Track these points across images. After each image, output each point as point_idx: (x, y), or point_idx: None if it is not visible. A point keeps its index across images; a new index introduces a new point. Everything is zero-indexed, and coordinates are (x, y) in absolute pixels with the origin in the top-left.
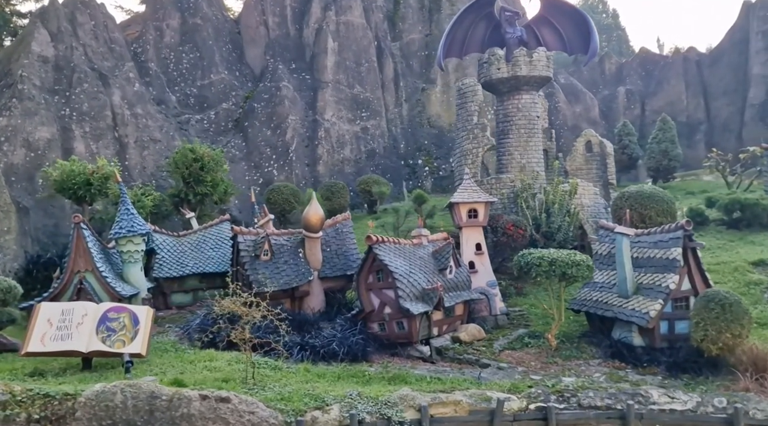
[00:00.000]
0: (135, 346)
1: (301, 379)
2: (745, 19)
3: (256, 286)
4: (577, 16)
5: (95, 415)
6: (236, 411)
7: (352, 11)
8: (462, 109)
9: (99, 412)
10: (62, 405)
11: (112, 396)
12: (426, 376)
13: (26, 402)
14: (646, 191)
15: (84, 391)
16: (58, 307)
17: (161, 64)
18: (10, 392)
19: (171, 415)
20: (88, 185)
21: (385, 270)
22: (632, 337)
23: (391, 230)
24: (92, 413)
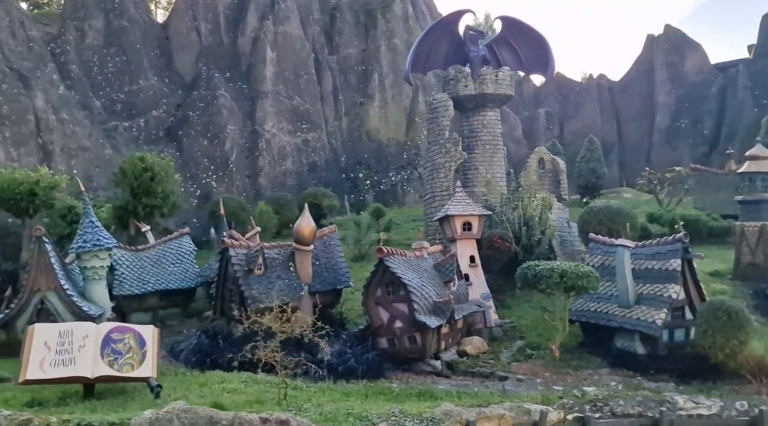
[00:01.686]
0: (145, 370)
1: (330, 398)
2: (650, 51)
3: (251, 301)
4: (536, 37)
5: None
6: None
7: (290, 22)
8: (433, 123)
9: None
10: None
11: (169, 423)
12: (452, 391)
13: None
14: (614, 207)
15: (132, 419)
16: (54, 328)
17: (84, 67)
18: (47, 424)
19: None
20: (32, 196)
21: (397, 283)
22: (635, 346)
23: (351, 244)
24: None
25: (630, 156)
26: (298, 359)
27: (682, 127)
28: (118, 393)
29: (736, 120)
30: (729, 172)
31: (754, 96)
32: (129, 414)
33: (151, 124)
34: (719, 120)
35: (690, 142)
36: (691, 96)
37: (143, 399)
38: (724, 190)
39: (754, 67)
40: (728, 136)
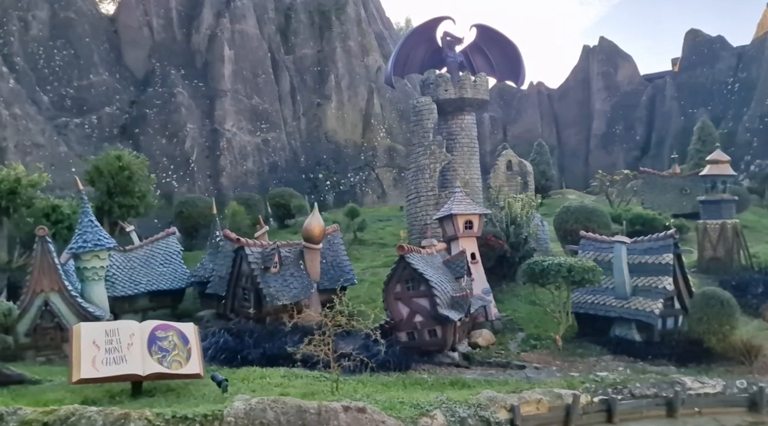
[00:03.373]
0: (192, 366)
1: (372, 389)
2: (586, 61)
3: (270, 299)
4: (508, 46)
5: None
6: (373, 420)
7: (246, 20)
8: (417, 125)
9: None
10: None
11: (263, 413)
12: (480, 380)
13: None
14: (588, 206)
15: (224, 410)
16: (100, 327)
17: (29, 60)
18: (146, 419)
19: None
20: (12, 195)
21: (418, 279)
22: (633, 334)
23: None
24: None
25: (569, 159)
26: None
27: (616, 133)
28: (167, 390)
29: (665, 127)
30: (673, 174)
31: (680, 105)
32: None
33: (104, 121)
34: (649, 127)
35: (624, 147)
36: (624, 104)
37: (195, 394)
38: (669, 192)
39: (679, 78)
40: (658, 142)
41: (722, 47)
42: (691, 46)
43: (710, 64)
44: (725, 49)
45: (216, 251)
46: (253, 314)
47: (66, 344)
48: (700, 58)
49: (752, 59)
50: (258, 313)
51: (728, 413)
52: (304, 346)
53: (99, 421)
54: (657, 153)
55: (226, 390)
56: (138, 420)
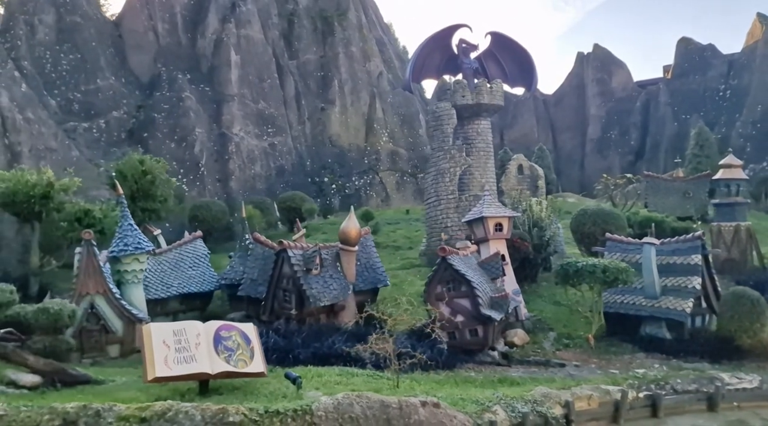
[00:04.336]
0: (256, 365)
1: (428, 387)
2: (580, 67)
3: (313, 301)
4: (521, 53)
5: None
6: (447, 415)
7: (252, 26)
8: (438, 130)
9: (345, 424)
10: (298, 421)
11: (350, 407)
12: (526, 378)
13: (263, 421)
14: (605, 210)
15: (312, 405)
16: (167, 327)
17: (36, 64)
18: (242, 413)
19: (405, 422)
20: (45, 198)
21: (460, 280)
22: (663, 332)
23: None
24: (339, 425)
25: (565, 163)
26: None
27: (611, 138)
28: (233, 389)
29: (659, 132)
30: (677, 178)
31: (674, 111)
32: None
33: (112, 126)
34: (644, 132)
35: (619, 152)
36: (618, 109)
37: (262, 392)
38: (673, 195)
39: (672, 85)
40: (653, 147)
41: (713, 55)
42: (683, 53)
43: (702, 72)
44: (716, 57)
45: (245, 254)
46: (295, 315)
47: (110, 346)
48: (692, 65)
49: (743, 67)
50: (299, 314)
51: (767, 407)
52: (370, 344)
53: (197, 416)
54: (652, 157)
55: (301, 386)
56: (235, 414)
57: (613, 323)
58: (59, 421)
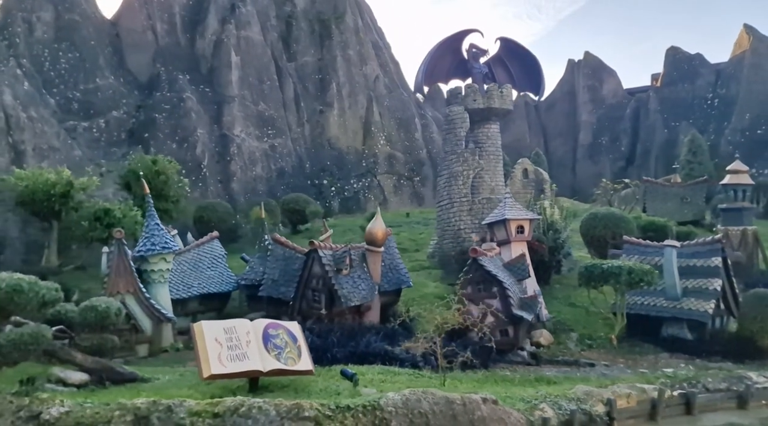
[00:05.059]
0: (304, 363)
1: (470, 386)
2: (571, 74)
3: (344, 301)
4: (529, 58)
5: (412, 422)
6: (505, 411)
7: (251, 27)
8: (450, 133)
9: (415, 420)
10: (368, 416)
11: (418, 403)
12: (561, 377)
13: (336, 416)
14: (616, 213)
15: (380, 401)
16: (218, 325)
17: (35, 62)
18: (315, 408)
19: (470, 418)
20: (64, 197)
21: (491, 281)
22: (685, 333)
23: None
24: (409, 421)
25: (556, 168)
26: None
27: (602, 144)
28: (282, 386)
29: (649, 139)
30: (675, 184)
31: (663, 118)
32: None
33: (111, 125)
34: (634, 138)
35: (610, 157)
36: (609, 116)
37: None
38: (671, 200)
39: (661, 93)
40: (643, 153)
41: (701, 64)
42: (671, 62)
43: (691, 80)
44: (704, 66)
45: (264, 255)
46: (325, 315)
47: (139, 346)
48: (680, 74)
49: (731, 76)
50: (329, 314)
51: None
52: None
53: (271, 411)
54: (642, 163)
55: (358, 384)
56: (309, 409)
57: (633, 324)
58: (130, 416)
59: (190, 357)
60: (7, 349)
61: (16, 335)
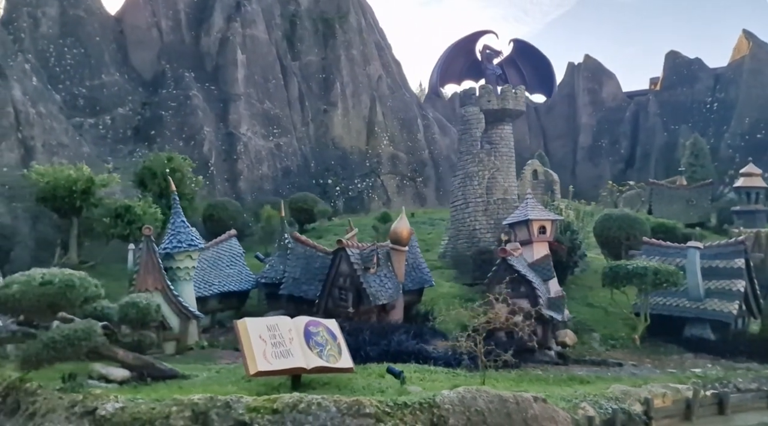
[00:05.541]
0: (345, 361)
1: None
2: (571, 77)
3: (373, 299)
4: (542, 60)
5: (470, 420)
6: (553, 410)
7: (257, 25)
8: (466, 134)
9: (472, 417)
10: (425, 413)
11: (474, 401)
12: (592, 377)
13: (395, 413)
14: (631, 215)
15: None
16: (261, 322)
17: (40, 58)
18: (374, 405)
19: (523, 417)
20: (85, 194)
21: (519, 280)
22: (708, 333)
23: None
24: (466, 418)
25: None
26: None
27: (602, 146)
28: (324, 383)
29: (649, 142)
30: (680, 186)
31: (663, 121)
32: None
33: (117, 122)
34: (634, 141)
35: (610, 160)
36: (609, 119)
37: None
38: (677, 202)
39: (661, 96)
40: (643, 156)
41: (700, 69)
42: (671, 66)
43: (690, 85)
44: (703, 71)
45: (284, 253)
46: (352, 314)
47: (167, 343)
48: (680, 78)
49: (730, 81)
50: (356, 313)
51: None
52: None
53: (331, 408)
54: (642, 166)
55: (404, 381)
56: (369, 406)
57: (654, 324)
58: (188, 412)
59: (217, 355)
60: (62, 344)
61: (71, 331)
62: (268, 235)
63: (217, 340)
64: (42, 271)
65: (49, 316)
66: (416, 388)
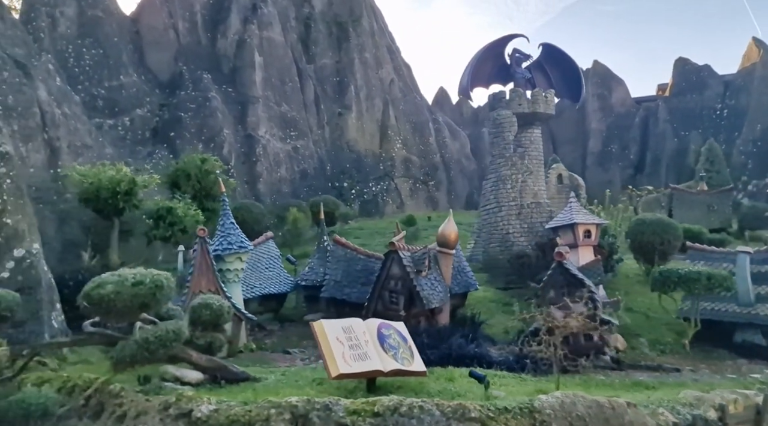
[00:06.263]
0: (419, 364)
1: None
2: None
3: (426, 302)
4: (570, 65)
5: (571, 425)
6: (644, 416)
7: (273, 28)
8: (498, 137)
9: (574, 423)
10: (527, 418)
11: (574, 406)
12: (655, 382)
13: (498, 417)
14: (665, 220)
15: (534, 403)
16: (336, 323)
17: (59, 58)
18: (477, 409)
19: (620, 422)
20: (128, 195)
21: (576, 284)
22: (759, 339)
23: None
24: (568, 423)
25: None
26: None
27: (612, 152)
28: (397, 387)
29: (659, 147)
30: (701, 192)
31: (673, 128)
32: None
33: (136, 124)
34: (643, 147)
35: (620, 165)
36: (618, 124)
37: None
38: (697, 207)
39: (671, 103)
40: (653, 161)
41: (710, 75)
42: (680, 73)
43: (699, 91)
44: (713, 78)
45: (324, 255)
46: (403, 317)
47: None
48: (689, 84)
49: (740, 88)
50: (407, 316)
51: None
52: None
53: (435, 411)
54: (652, 171)
55: (489, 386)
56: (474, 410)
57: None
58: (288, 415)
59: (269, 357)
60: (155, 345)
61: (162, 332)
62: (295, 237)
63: (264, 343)
64: (132, 271)
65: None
66: (499, 392)
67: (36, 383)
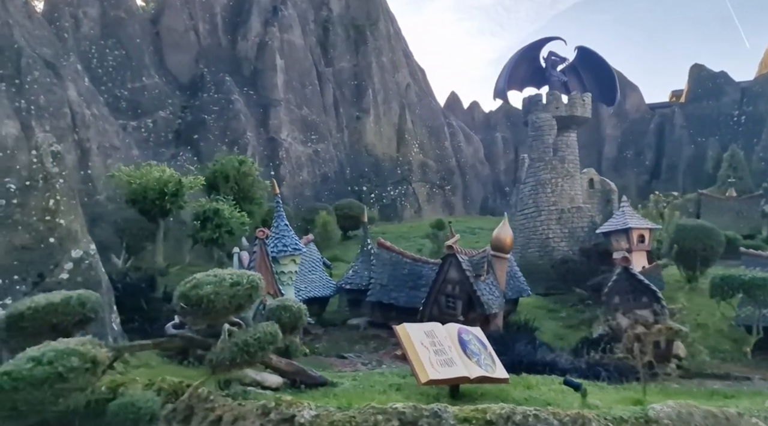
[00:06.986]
0: (501, 371)
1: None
2: None
3: (487, 307)
4: (605, 69)
5: None
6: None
7: (293, 30)
8: (537, 141)
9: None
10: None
11: (690, 416)
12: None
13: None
14: (707, 226)
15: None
16: (419, 328)
17: (82, 59)
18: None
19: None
20: (174, 196)
21: (642, 290)
22: None
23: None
24: None
25: None
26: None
27: (627, 158)
28: (480, 394)
29: (675, 153)
30: (730, 198)
31: (689, 134)
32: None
33: (159, 125)
34: (659, 153)
35: (635, 171)
36: (633, 130)
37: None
38: (726, 213)
39: (687, 109)
40: (669, 167)
41: (726, 82)
42: (696, 79)
43: (716, 98)
44: (729, 84)
45: (368, 259)
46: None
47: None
48: (705, 91)
49: (758, 95)
50: (465, 321)
51: None
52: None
53: (553, 421)
54: (669, 177)
55: (586, 394)
56: (595, 420)
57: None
58: (396, 422)
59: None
60: (254, 348)
61: (261, 334)
62: (325, 241)
63: (315, 347)
64: (227, 272)
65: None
66: (596, 401)
67: (111, 387)
